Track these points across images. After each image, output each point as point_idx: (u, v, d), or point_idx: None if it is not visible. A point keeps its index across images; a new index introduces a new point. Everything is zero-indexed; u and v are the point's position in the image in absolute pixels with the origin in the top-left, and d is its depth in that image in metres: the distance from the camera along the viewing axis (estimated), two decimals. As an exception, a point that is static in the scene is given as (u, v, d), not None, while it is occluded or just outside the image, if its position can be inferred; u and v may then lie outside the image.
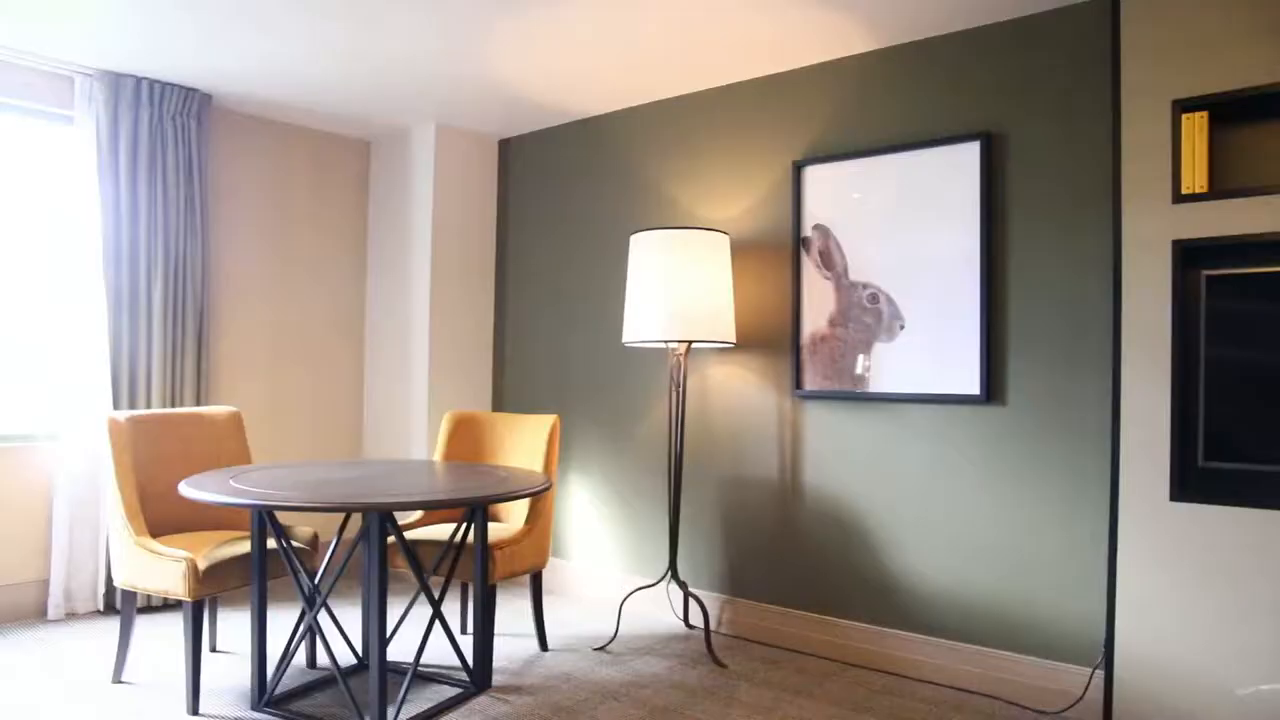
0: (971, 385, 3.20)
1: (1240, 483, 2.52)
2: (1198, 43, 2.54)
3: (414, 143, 4.69)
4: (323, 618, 3.67)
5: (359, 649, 3.30)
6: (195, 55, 3.67)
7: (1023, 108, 3.16)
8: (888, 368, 3.40)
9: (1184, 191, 2.55)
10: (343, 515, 3.27)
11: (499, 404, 4.84)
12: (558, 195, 4.61)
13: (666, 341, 3.53)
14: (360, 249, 4.93)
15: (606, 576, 4.29)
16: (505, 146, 4.86)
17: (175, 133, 4.01)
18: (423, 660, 3.27)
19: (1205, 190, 2.53)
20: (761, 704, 2.99)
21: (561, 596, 4.39)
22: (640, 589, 3.67)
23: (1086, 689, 2.93)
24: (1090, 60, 3.01)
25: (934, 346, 3.29)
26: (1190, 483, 2.56)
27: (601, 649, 3.56)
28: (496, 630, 3.74)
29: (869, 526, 3.46)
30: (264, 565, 2.85)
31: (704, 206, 4.01)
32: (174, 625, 3.71)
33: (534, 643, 3.59)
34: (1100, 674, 2.90)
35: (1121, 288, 2.64)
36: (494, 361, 4.86)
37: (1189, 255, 2.57)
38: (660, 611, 4.04)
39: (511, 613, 4.03)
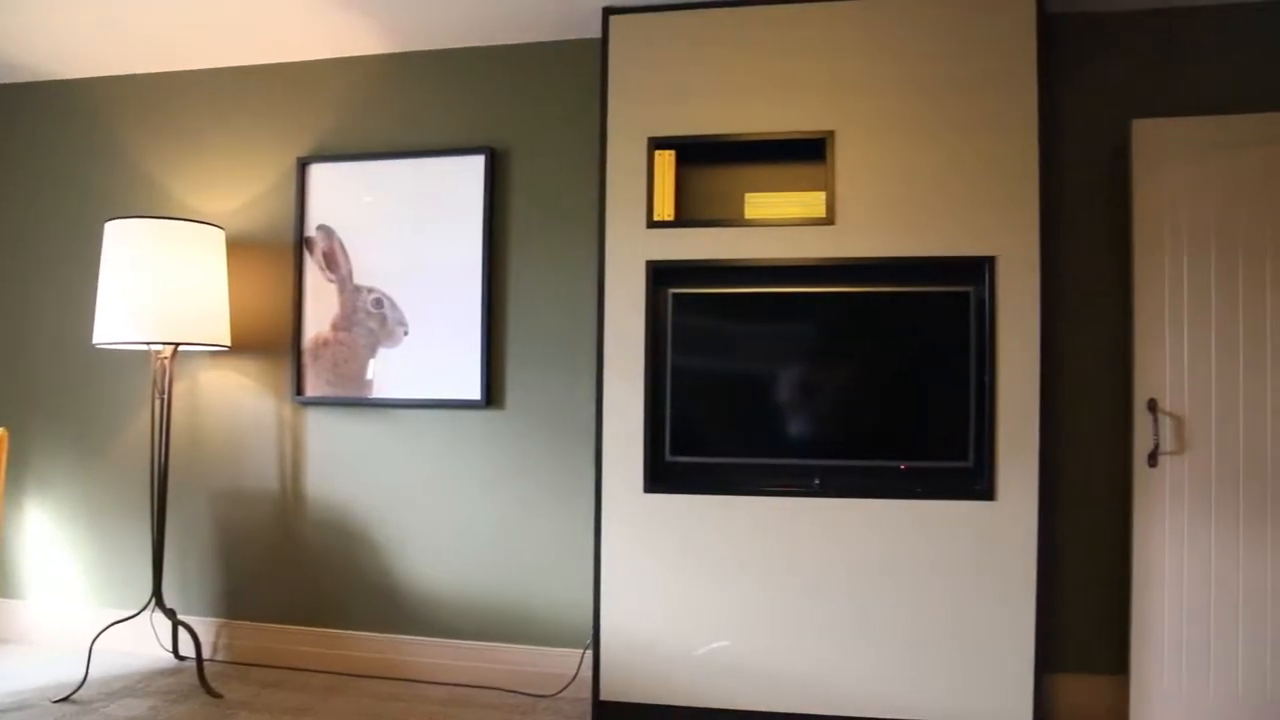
0: (473, 390, 3.31)
1: (699, 473, 2.95)
2: (669, 90, 2.91)
3: None
4: None
5: None
6: None
7: (528, 127, 3.35)
8: (393, 373, 3.39)
9: (656, 218, 2.90)
10: None
11: (-74, 417, 3.96)
12: (16, 167, 3.89)
13: (148, 343, 3.16)
14: None
15: (75, 613, 3.72)
16: (-63, 104, 4.00)
17: None
18: None
19: (673, 219, 2.90)
20: (259, 732, 2.81)
21: (13, 645, 3.72)
22: (117, 623, 3.24)
23: (579, 668, 3.19)
24: (588, 91, 3.29)
25: (438, 352, 3.35)
26: (659, 475, 2.91)
27: (65, 699, 3.08)
28: (-82, 695, 3.06)
29: (374, 534, 3.42)
30: None
31: (198, 197, 3.66)
32: None
33: (-28, 704, 3.00)
34: (590, 654, 3.19)
35: (605, 300, 2.92)
36: (-81, 365, 3.97)
37: (659, 275, 2.93)
38: (144, 646, 3.60)
39: (-59, 670, 3.33)
